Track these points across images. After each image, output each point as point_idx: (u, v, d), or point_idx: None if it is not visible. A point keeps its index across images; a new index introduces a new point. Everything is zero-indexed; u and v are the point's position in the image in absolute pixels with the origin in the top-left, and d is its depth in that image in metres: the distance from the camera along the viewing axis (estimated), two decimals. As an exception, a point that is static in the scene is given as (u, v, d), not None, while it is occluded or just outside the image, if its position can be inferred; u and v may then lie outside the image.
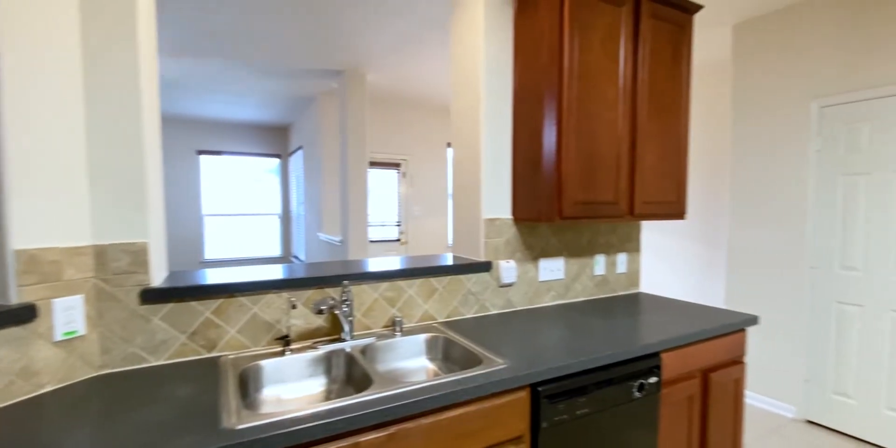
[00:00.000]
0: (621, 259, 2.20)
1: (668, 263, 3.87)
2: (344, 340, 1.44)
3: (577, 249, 2.06)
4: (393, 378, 1.38)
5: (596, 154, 1.68)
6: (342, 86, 3.99)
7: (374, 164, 4.89)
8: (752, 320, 1.76)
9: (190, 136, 6.43)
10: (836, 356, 2.40)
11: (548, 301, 1.98)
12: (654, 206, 1.87)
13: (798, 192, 2.52)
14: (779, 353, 2.63)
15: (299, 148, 6.11)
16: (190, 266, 6.52)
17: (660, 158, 1.87)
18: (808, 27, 2.46)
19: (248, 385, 1.23)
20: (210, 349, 1.34)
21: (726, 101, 3.44)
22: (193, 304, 1.32)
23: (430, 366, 1.48)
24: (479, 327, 1.61)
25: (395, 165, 4.94)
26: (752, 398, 2.76)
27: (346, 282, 1.43)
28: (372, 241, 4.81)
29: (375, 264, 1.71)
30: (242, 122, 6.50)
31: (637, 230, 2.27)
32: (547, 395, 1.22)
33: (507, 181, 1.85)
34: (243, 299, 1.37)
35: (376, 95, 4.65)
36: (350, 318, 1.45)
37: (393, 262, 1.75)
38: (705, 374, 1.65)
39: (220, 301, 1.34)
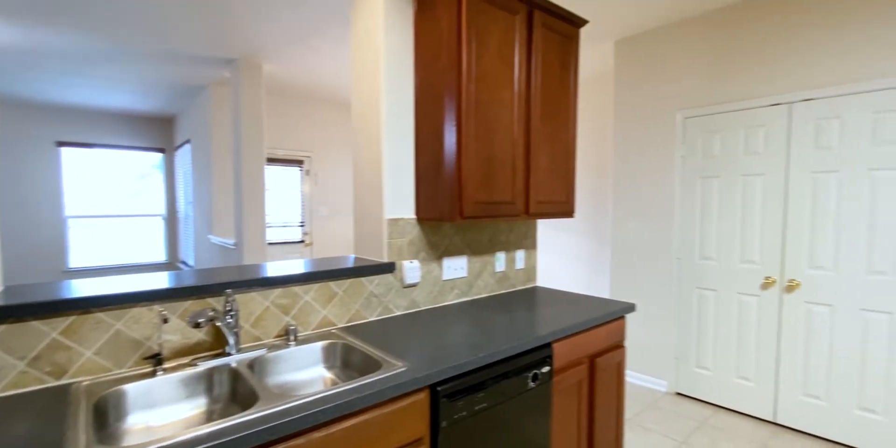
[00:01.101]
0: (520, 256, 2.31)
1: (563, 258, 4.17)
2: (229, 354, 1.31)
3: (479, 247, 2.11)
4: (283, 392, 1.29)
5: (494, 156, 1.74)
6: (235, 75, 3.68)
7: (273, 160, 4.59)
8: (630, 308, 1.95)
9: (47, 124, 5.47)
10: (698, 335, 2.77)
11: (452, 299, 2.01)
12: (547, 206, 1.99)
13: (667, 192, 2.87)
14: (653, 334, 2.97)
15: (186, 142, 5.52)
16: (50, 276, 5.56)
17: (552, 161, 1.99)
18: (675, 46, 2.80)
19: (106, 414, 1.07)
20: (59, 376, 1.14)
21: (611, 109, 3.80)
22: (35, 323, 1.11)
23: (328, 375, 1.41)
24: (382, 330, 1.58)
25: (298, 162, 4.69)
26: (633, 377, 3.08)
27: (228, 290, 1.30)
28: (272, 244, 4.51)
29: (269, 269, 1.59)
30: (116, 110, 5.69)
31: (533, 228, 2.40)
32: (446, 394, 1.23)
33: (410, 181, 1.84)
34: (102, 315, 1.19)
35: (276, 88, 4.37)
36: (235, 330, 1.33)
37: (289, 267, 1.65)
38: (592, 360, 1.79)
39: (71, 319, 1.15)
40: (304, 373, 1.41)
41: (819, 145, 2.28)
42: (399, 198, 1.80)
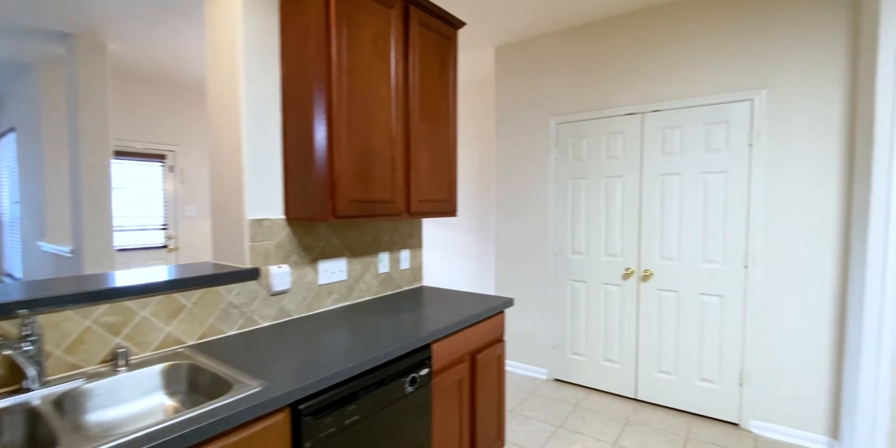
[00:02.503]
0: (405, 255, 2.26)
1: (453, 256, 4.25)
2: (28, 390, 1.05)
3: (360, 248, 2.01)
4: (104, 431, 1.06)
5: (371, 152, 1.66)
6: (71, 53, 3.08)
7: (129, 154, 3.96)
8: (509, 302, 2.02)
9: None
10: (572, 323, 2.99)
11: (329, 305, 1.88)
12: (429, 205, 1.96)
13: (543, 192, 3.05)
14: (534, 325, 3.14)
15: (10, 130, 4.52)
16: None
17: (433, 160, 1.97)
18: (548, 56, 2.99)
19: None
20: None
21: (494, 113, 3.96)
22: None
23: (170, 402, 1.21)
24: (243, 345, 1.40)
25: (160, 157, 4.10)
26: (516, 367, 3.23)
27: (23, 311, 1.03)
28: (125, 250, 3.88)
29: (97, 281, 1.32)
30: None
31: (419, 227, 2.37)
32: (310, 411, 1.12)
33: (277, 177, 1.67)
34: None
35: (130, 72, 3.76)
36: (38, 359, 1.06)
37: (125, 277, 1.38)
38: (473, 357, 1.81)
39: None
40: (139, 403, 1.18)
41: (665, 151, 2.60)
42: (264, 196, 1.63)
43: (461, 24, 2.08)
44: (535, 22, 2.81)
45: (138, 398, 1.18)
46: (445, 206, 2.07)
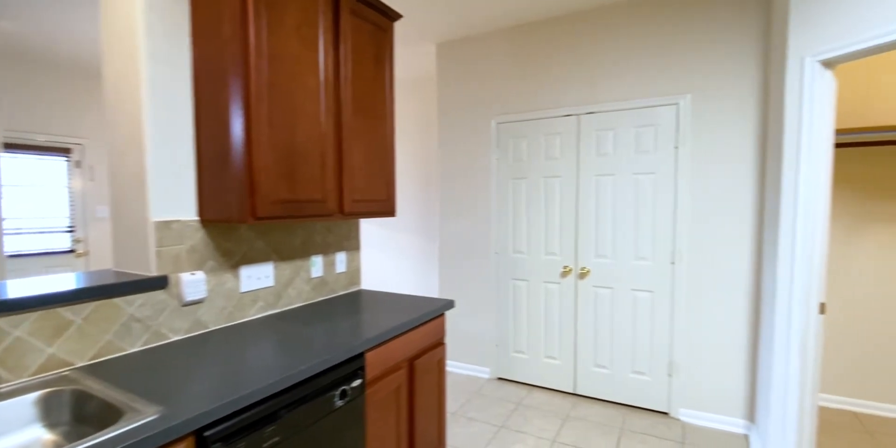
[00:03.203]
0: (340, 258, 2.15)
1: (396, 257, 4.16)
2: None
3: (289, 251, 1.88)
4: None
5: (298, 148, 1.54)
6: (-57, 25, 2.64)
7: (27, 148, 3.49)
8: (450, 304, 1.97)
9: None
10: (514, 322, 3.01)
11: (254, 314, 1.73)
12: (365, 205, 1.86)
13: (485, 192, 3.04)
14: (477, 325, 3.13)
15: None
16: None
17: (368, 157, 1.87)
18: (489, 55, 2.98)
19: None
20: None
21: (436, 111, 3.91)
22: None
23: (49, 436, 1.03)
24: (146, 365, 1.23)
25: (64, 151, 3.65)
26: (459, 367, 3.21)
27: None
28: (20, 256, 3.41)
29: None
30: None
31: (356, 228, 2.26)
32: (219, 438, 0.99)
33: (189, 174, 1.50)
34: None
35: (24, 54, 3.31)
36: None
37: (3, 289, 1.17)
38: (411, 363, 1.74)
39: None
40: (8, 440, 1.00)
41: (599, 152, 2.67)
42: (173, 195, 1.46)
43: (397, 16, 2.00)
44: (474, 20, 2.78)
45: (7, 434, 1.00)
46: (383, 206, 1.99)
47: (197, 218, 1.52)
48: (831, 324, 2.64)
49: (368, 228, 4.32)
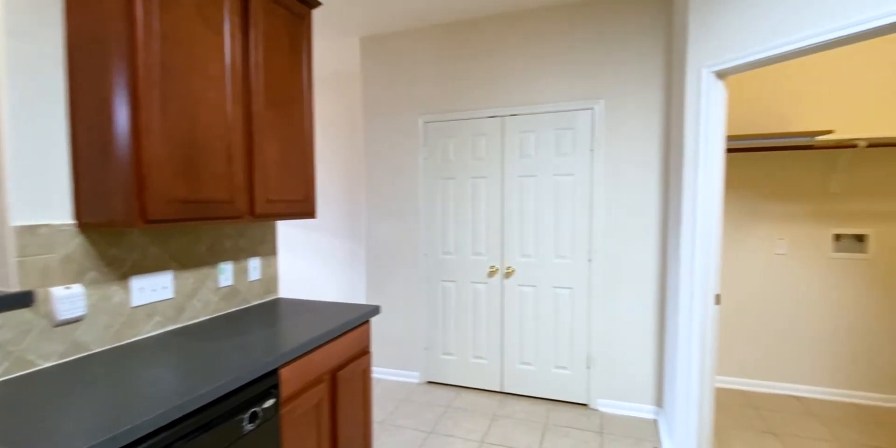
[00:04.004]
0: (254, 264, 1.97)
1: (320, 261, 3.96)
2: None
3: (192, 259, 1.67)
4: None
5: (200, 141, 1.37)
6: None
7: None
8: (375, 310, 1.88)
9: None
10: (443, 324, 2.99)
11: (150, 331, 1.52)
12: (280, 205, 1.72)
13: (413, 192, 2.99)
14: (406, 329, 3.07)
15: None
16: None
17: (284, 154, 1.73)
18: (417, 52, 2.93)
19: None
20: None
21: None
22: None
23: None
24: (1, 401, 1.01)
25: None
26: (387, 374, 3.12)
27: None
28: None
29: None
30: None
31: (272, 231, 2.09)
32: (93, 484, 0.83)
33: (61, 169, 1.27)
34: None
35: None
36: None
37: None
38: (333, 375, 1.63)
39: None
40: None
41: (522, 154, 2.73)
42: (40, 195, 1.22)
43: (315, 3, 1.88)
44: (398, 15, 2.72)
45: None
46: (302, 207, 1.85)
47: (73, 221, 1.29)
48: (722, 312, 2.95)
49: (289, 231, 4.07)
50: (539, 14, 2.65)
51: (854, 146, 2.48)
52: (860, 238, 2.69)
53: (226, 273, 1.81)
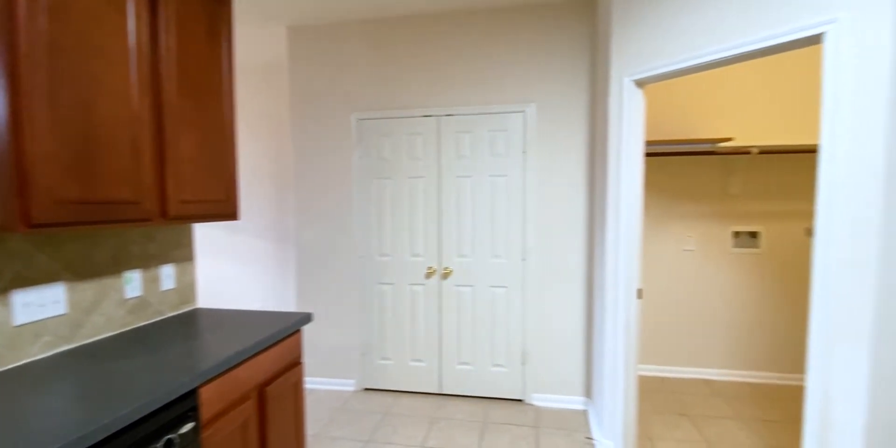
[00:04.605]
0: (167, 272, 1.77)
1: (247, 265, 3.69)
2: None
3: (91, 268, 1.46)
4: None
5: (98, 133, 1.19)
6: None
7: None
8: (307, 318, 1.77)
9: None
10: (380, 328, 2.91)
11: (39, 352, 1.30)
12: (197, 206, 1.56)
13: (347, 192, 2.88)
14: (341, 335, 2.95)
15: None
16: None
17: (201, 150, 1.57)
18: (350, 46, 2.82)
19: None
20: None
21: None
22: None
23: None
24: None
25: None
26: (321, 384, 2.98)
27: None
28: None
29: None
30: None
31: (188, 234, 1.90)
32: None
33: None
34: None
35: None
36: None
37: None
38: (262, 390, 1.50)
39: None
40: None
41: (459, 154, 2.74)
42: None
43: (237, -12, 1.73)
44: (327, 6, 2.60)
45: None
46: (223, 208, 1.70)
47: (-76, 226, 1.06)
48: (642, 305, 3.17)
49: (210, 233, 3.74)
50: (475, 16, 2.67)
51: (748, 152, 2.78)
52: (754, 235, 3.03)
53: (133, 283, 1.61)
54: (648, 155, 2.95)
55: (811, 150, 2.73)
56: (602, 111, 2.34)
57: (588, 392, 2.68)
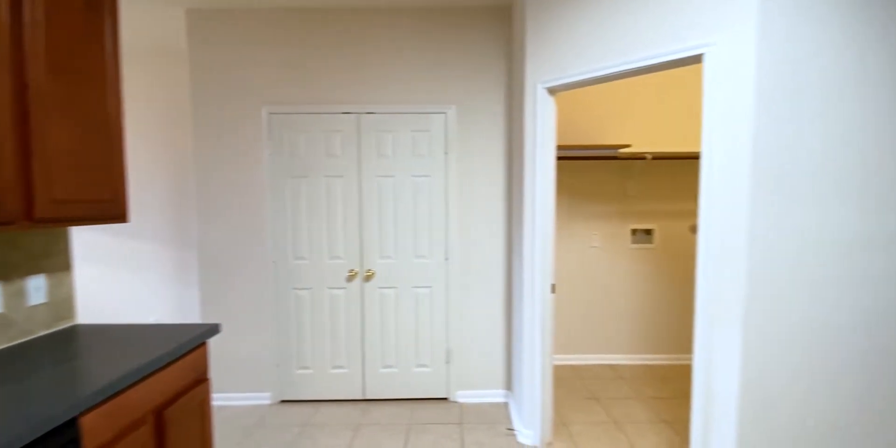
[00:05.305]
0: (36, 284, 1.51)
1: (139, 274, 3.28)
2: None
3: (-75, 282, 1.19)
4: None
5: (-66, 117, 0.97)
6: None
7: None
8: (213, 330, 1.62)
9: None
10: (298, 336, 2.76)
11: None
12: (75, 207, 1.35)
13: (258, 191, 2.69)
14: (253, 346, 2.74)
15: None
16: None
17: (80, 142, 1.36)
18: (260, 34, 2.63)
19: None
20: None
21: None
22: None
23: None
24: None
25: None
26: (233, 399, 2.75)
27: None
28: None
29: None
30: None
31: (63, 240, 1.64)
32: None
33: None
34: None
35: None
36: None
37: None
38: (159, 414, 1.34)
39: None
40: None
41: (380, 154, 2.69)
42: None
43: (124, -41, 1.52)
44: (237, -7, 2.41)
45: None
46: (108, 209, 1.48)
47: None
48: (556, 298, 3.38)
49: (93, 238, 3.26)
50: (399, 13, 2.64)
51: (643, 158, 3.08)
52: (648, 232, 3.37)
53: (-13, 299, 1.35)
54: (560, 158, 3.14)
55: (696, 157, 3.10)
56: (518, 115, 2.44)
57: (509, 385, 2.78)
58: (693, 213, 3.35)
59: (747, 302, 1.52)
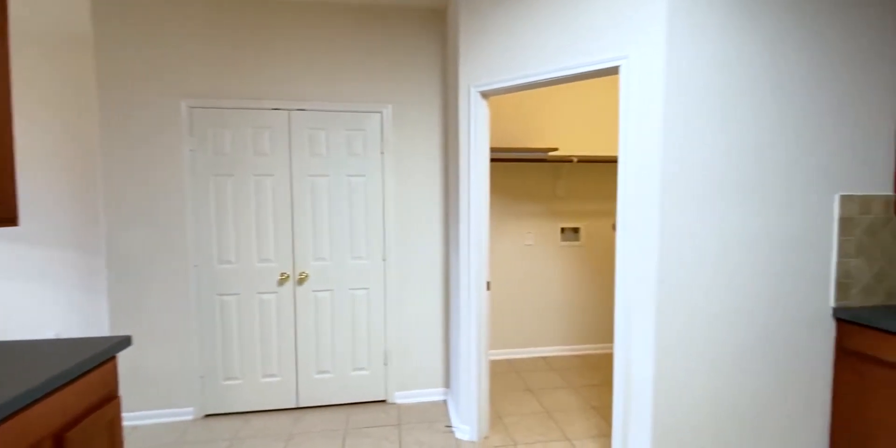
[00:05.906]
0: None
1: (34, 283, 2.91)
2: None
3: None
4: None
5: None
6: None
7: None
8: (124, 343, 1.48)
9: None
10: (224, 344, 2.59)
11: None
12: (-53, 208, 1.17)
13: (177, 191, 2.49)
14: (172, 358, 2.53)
15: None
16: None
17: (-47, 132, 1.18)
18: (180, 22, 2.43)
19: None
20: None
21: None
22: None
23: None
24: None
25: None
26: (151, 417, 2.52)
27: None
28: None
29: None
30: None
31: (-68, 247, 1.41)
32: None
33: None
34: None
35: None
36: None
37: None
38: (59, 438, 1.20)
39: None
40: None
41: (313, 152, 2.61)
42: None
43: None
44: (150, -25, 2.22)
45: None
46: (-9, 210, 1.30)
47: None
48: (490, 296, 3.47)
49: (-31, 245, 2.83)
50: (332, 10, 2.56)
51: (570, 161, 3.26)
52: (576, 230, 3.57)
53: None
54: (494, 160, 3.24)
55: (616, 161, 3.33)
56: (454, 117, 2.48)
57: (447, 383, 2.81)
58: (614, 213, 3.60)
59: (658, 294, 1.66)
